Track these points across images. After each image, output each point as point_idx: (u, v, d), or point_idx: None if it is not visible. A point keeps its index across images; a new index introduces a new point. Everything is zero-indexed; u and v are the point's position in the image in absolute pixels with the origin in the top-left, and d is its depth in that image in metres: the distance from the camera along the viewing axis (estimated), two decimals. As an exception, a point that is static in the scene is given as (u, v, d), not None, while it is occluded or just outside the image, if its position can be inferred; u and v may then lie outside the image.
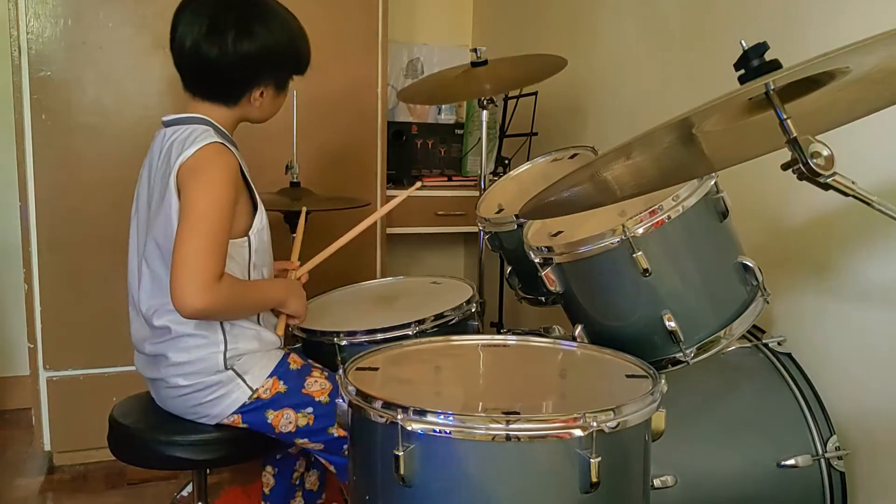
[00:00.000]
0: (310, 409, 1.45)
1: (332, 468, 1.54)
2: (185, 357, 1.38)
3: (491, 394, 1.21)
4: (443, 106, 3.08)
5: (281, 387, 1.43)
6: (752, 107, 0.99)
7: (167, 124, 1.43)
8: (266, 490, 1.77)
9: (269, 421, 1.43)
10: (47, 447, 2.32)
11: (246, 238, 1.40)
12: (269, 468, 1.76)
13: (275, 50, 1.40)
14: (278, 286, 1.50)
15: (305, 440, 1.47)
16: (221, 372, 1.39)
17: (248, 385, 1.40)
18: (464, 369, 1.30)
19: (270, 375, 1.43)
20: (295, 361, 1.48)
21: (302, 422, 1.44)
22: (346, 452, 1.22)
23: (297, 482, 1.77)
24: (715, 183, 1.34)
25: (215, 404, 1.40)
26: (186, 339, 1.38)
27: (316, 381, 1.47)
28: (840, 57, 0.82)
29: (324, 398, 1.46)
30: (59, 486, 2.30)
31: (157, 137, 1.44)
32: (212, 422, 1.42)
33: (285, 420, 1.43)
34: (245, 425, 1.43)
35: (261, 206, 1.43)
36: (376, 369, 1.24)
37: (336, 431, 1.45)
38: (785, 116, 0.88)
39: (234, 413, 1.41)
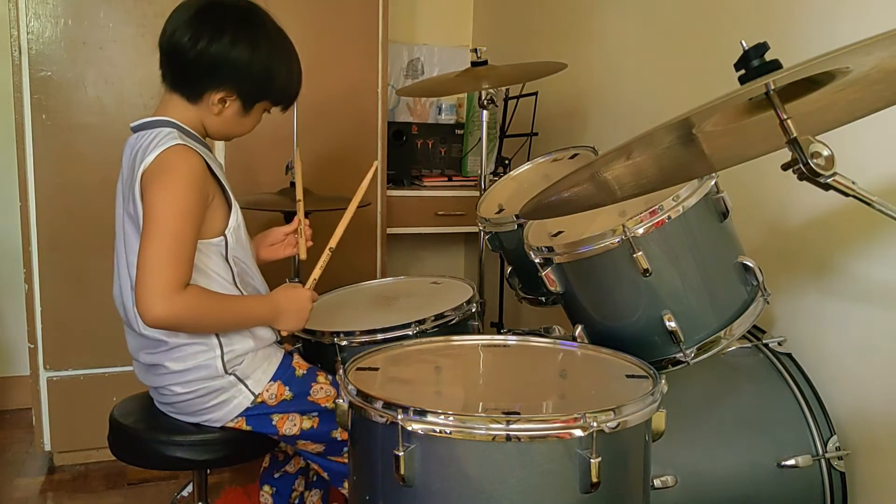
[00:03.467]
0: (315, 413, 1.45)
1: (325, 475, 1.53)
2: (183, 365, 1.37)
3: (491, 394, 1.21)
4: (443, 106, 3.08)
5: (287, 394, 1.43)
6: (752, 107, 0.99)
7: (135, 129, 1.40)
8: None
9: (273, 423, 1.43)
10: (47, 447, 2.32)
11: (223, 237, 1.38)
12: (266, 488, 1.72)
13: (247, 65, 1.35)
14: (265, 304, 1.43)
15: (307, 442, 1.47)
16: (222, 377, 1.38)
17: (250, 390, 1.40)
18: (464, 369, 1.30)
19: (274, 379, 1.42)
20: (300, 366, 1.47)
21: (307, 425, 1.45)
22: (346, 455, 1.21)
23: (297, 502, 1.73)
24: (715, 183, 1.35)
25: (216, 409, 1.40)
26: (184, 349, 1.37)
27: (321, 388, 1.46)
28: (840, 57, 0.81)
29: (330, 404, 1.45)
30: (59, 486, 2.30)
31: (127, 146, 1.41)
32: (215, 424, 1.42)
33: (290, 423, 1.44)
34: (249, 428, 1.42)
35: (235, 204, 1.41)
36: (376, 369, 1.24)
37: (339, 434, 1.45)
38: (785, 116, 0.88)
39: (237, 417, 1.41)
